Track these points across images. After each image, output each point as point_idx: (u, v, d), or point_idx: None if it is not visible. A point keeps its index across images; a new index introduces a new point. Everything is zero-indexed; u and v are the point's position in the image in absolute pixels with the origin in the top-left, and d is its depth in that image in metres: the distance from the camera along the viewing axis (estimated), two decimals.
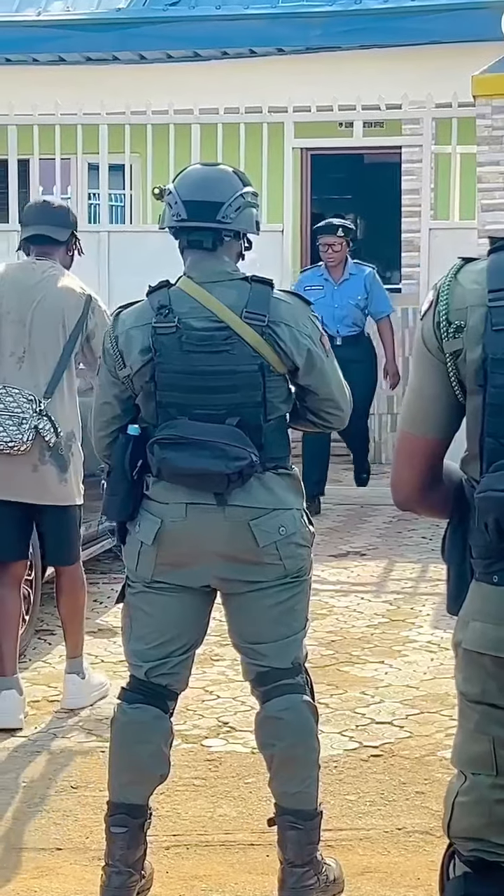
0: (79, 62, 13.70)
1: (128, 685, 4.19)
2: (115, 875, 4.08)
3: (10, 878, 4.34)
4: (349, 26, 13.10)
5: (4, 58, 13.78)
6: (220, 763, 5.24)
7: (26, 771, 5.20)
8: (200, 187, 4.14)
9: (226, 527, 4.02)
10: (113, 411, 4.18)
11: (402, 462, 2.88)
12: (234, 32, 13.41)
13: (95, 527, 7.28)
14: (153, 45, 13.54)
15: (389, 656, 6.55)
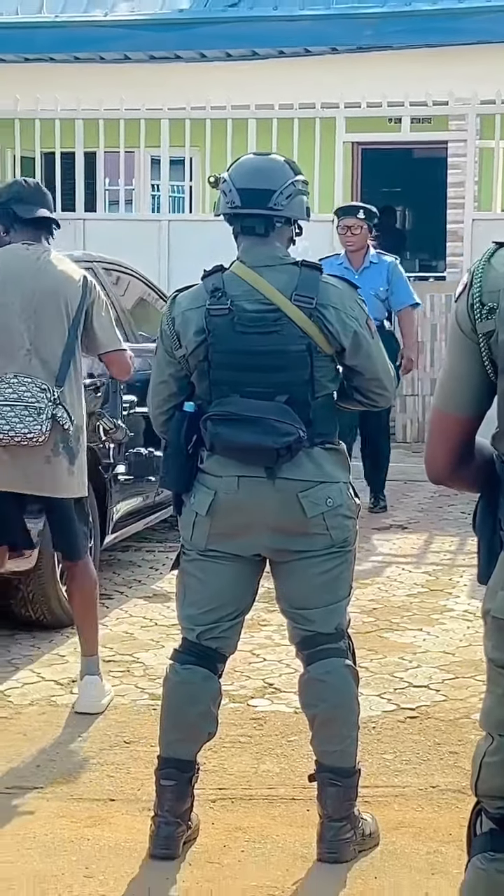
0: (143, 60, 13.68)
1: (180, 647, 4.20)
2: (164, 825, 4.11)
3: (67, 826, 4.35)
4: (399, 27, 13.02)
5: (73, 56, 13.77)
6: (264, 722, 5.24)
7: (83, 727, 5.21)
8: (254, 176, 4.12)
9: (275, 498, 4.01)
10: (169, 389, 4.17)
11: (435, 439, 2.85)
12: (290, 32, 13.35)
13: (152, 498, 7.32)
14: (213, 44, 13.50)
15: (427, 624, 6.54)
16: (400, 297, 9.12)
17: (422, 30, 12.89)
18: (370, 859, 4.09)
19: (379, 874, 4.01)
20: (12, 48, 13.77)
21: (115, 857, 4.12)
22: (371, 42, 13.10)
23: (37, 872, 4.02)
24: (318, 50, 13.34)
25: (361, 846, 4.11)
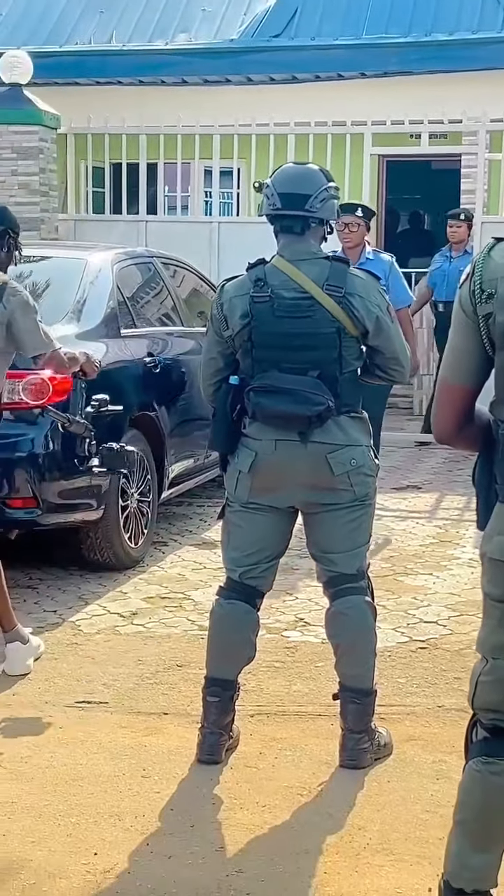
0: (198, 84, 13.61)
1: (224, 585, 4.23)
2: (209, 735, 4.15)
3: (127, 735, 4.40)
4: (420, 55, 12.91)
5: (138, 80, 13.73)
6: (296, 650, 5.25)
7: (142, 652, 5.25)
8: (292, 182, 4.11)
9: (307, 459, 4.01)
10: (217, 365, 4.19)
11: (441, 405, 2.87)
12: (326, 59, 13.27)
13: (202, 460, 7.35)
14: (259, 69, 13.43)
15: (437, 570, 6.54)
16: (396, 297, 7.47)
17: (440, 57, 12.78)
18: (384, 766, 4.11)
19: (391, 778, 4.03)
20: (86, 73, 13.74)
21: (168, 761, 4.15)
22: (396, 68, 13.00)
23: (102, 773, 4.06)
24: (350, 75, 13.23)
25: (377, 755, 4.14)
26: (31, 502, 5.80)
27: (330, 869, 3.45)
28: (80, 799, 3.87)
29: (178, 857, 3.52)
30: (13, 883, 3.36)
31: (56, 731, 4.43)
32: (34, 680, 4.91)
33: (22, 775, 4.05)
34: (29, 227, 10.67)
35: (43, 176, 10.96)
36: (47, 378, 5.70)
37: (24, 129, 10.90)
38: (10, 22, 14.43)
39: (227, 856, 3.54)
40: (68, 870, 3.43)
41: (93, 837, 3.63)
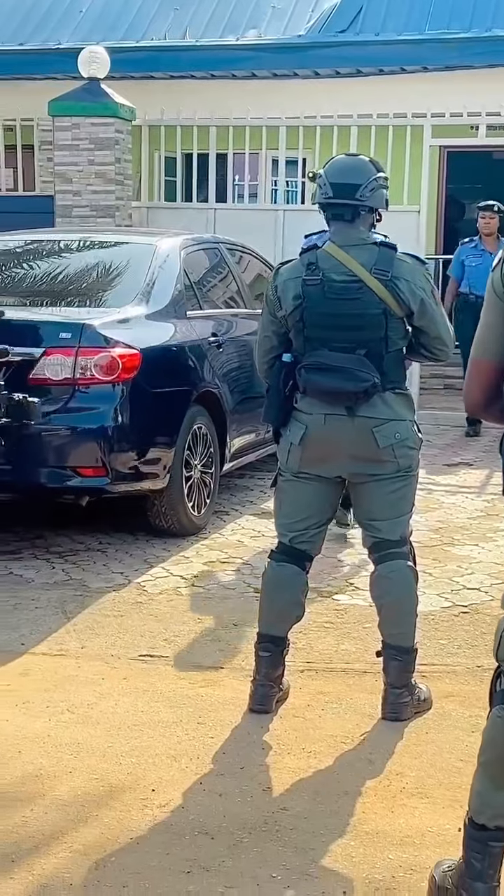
0: (266, 77, 13.68)
1: (276, 548, 4.33)
2: (261, 686, 4.26)
3: (186, 686, 4.51)
4: (480, 49, 12.85)
5: (210, 74, 13.81)
6: (345, 612, 5.34)
7: (201, 611, 5.36)
8: (344, 172, 4.19)
9: (354, 432, 4.09)
10: (271, 343, 4.29)
11: (472, 379, 2.97)
12: (389, 54, 13.26)
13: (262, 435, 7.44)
14: (325, 64, 13.45)
15: (483, 541, 6.58)
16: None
17: (499, 52, 12.73)
18: (424, 719, 4.20)
19: (430, 730, 4.13)
20: (161, 67, 13.84)
21: (223, 710, 4.27)
22: (456, 62, 12.94)
23: (161, 719, 4.19)
24: (412, 68, 13.19)
25: (417, 709, 4.23)
26: (100, 471, 5.91)
27: (368, 809, 3.57)
28: (140, 742, 4.01)
29: (229, 795, 3.66)
30: (77, 814, 3.53)
31: (120, 682, 4.57)
32: (102, 635, 5.07)
33: (88, 720, 4.21)
34: (104, 213, 10.87)
35: (118, 165, 11.10)
36: (117, 356, 5.85)
37: (101, 121, 11.05)
38: (90, 19, 14.56)
39: (274, 795, 3.67)
40: (128, 804, 3.59)
41: (151, 776, 3.77)
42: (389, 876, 3.19)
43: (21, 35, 14.44)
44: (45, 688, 4.51)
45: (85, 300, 6.58)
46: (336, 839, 3.39)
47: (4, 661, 4.77)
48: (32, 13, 14.75)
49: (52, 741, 4.03)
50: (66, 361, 5.83)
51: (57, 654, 4.87)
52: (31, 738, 4.05)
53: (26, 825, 3.46)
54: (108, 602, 5.48)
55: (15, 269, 7.15)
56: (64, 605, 5.43)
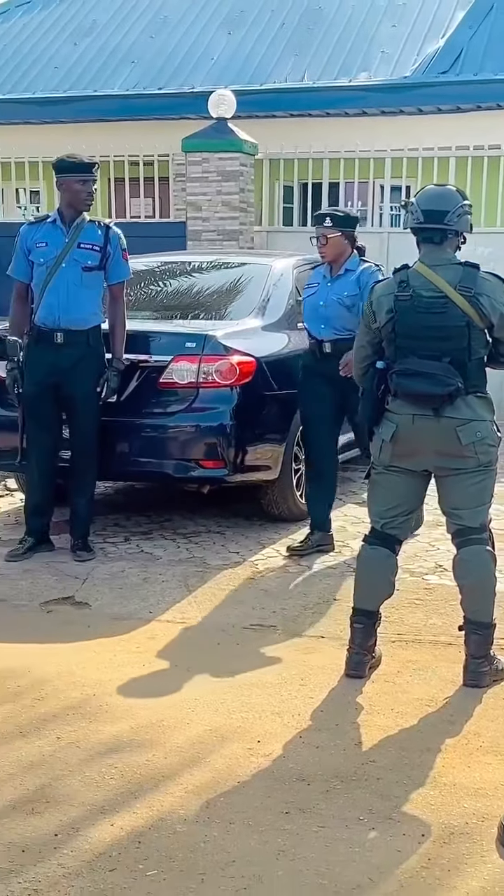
0: (375, 114, 13.60)
1: (369, 533, 4.36)
2: (355, 654, 4.30)
3: (290, 653, 4.57)
4: None
5: (325, 112, 13.80)
6: (433, 591, 5.34)
7: (306, 587, 5.41)
8: (433, 200, 4.21)
9: (439, 431, 4.11)
10: (366, 352, 4.32)
11: None
12: (487, 92, 13.06)
13: None
14: (428, 101, 13.33)
15: None
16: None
17: None
18: (501, 687, 4.19)
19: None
20: (282, 107, 13.84)
21: (322, 674, 4.32)
22: None
23: (268, 680, 4.26)
24: None
25: (495, 677, 4.22)
26: (220, 463, 5.98)
27: (447, 764, 3.59)
28: (249, 699, 4.09)
29: (324, 748, 3.71)
30: (192, 759, 3.62)
31: (234, 647, 4.65)
32: (219, 606, 5.16)
33: (205, 679, 4.30)
34: (229, 237, 10.97)
35: (242, 195, 11.19)
36: (236, 363, 5.94)
37: (228, 156, 11.14)
38: (220, 65, 14.69)
39: (364, 749, 3.71)
40: (236, 752, 3.67)
41: (257, 729, 3.85)
42: (464, 822, 3.21)
43: (160, 80, 14.64)
44: (169, 651, 4.62)
45: (209, 314, 6.67)
46: (417, 789, 3.42)
47: (134, 626, 4.90)
48: (170, 61, 14.94)
49: (173, 696, 4.13)
50: (191, 367, 5.93)
51: (179, 621, 4.97)
52: (154, 695, 4.16)
53: (148, 766, 3.56)
54: (224, 578, 5.56)
55: (151, 286, 7.28)
56: (187, 579, 5.54)
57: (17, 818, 3.23)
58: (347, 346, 5.37)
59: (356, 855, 3.05)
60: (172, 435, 6.01)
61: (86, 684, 4.24)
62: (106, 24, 15.95)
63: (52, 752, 3.66)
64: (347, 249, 5.90)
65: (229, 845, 3.10)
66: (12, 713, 3.97)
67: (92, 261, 5.76)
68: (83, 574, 5.60)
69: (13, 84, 15.25)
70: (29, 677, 4.30)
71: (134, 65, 15.06)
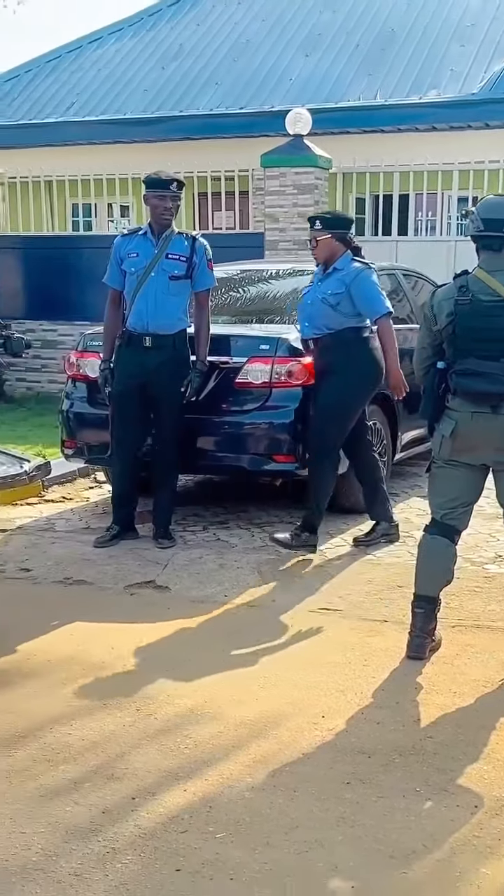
0: (444, 129, 13.51)
1: (429, 524, 4.36)
2: (416, 637, 4.28)
3: (354, 635, 4.56)
4: None
5: (397, 128, 13.74)
6: (493, 579, 5.29)
7: (371, 575, 5.41)
8: (493, 209, 4.17)
9: (497, 427, 4.08)
10: (428, 353, 4.31)
11: None
12: None
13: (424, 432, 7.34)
14: (495, 117, 13.17)
15: None
16: (368, 308, 5.72)
17: None
18: None
19: None
20: (355, 124, 13.81)
21: (384, 655, 4.32)
22: None
23: (333, 660, 4.27)
24: None
25: None
26: (291, 458, 6.00)
27: (501, 740, 3.56)
28: (314, 677, 4.11)
29: (384, 724, 3.72)
30: (259, 732, 3.65)
31: (303, 630, 4.67)
32: (288, 591, 5.18)
33: (275, 658, 4.33)
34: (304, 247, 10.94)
35: (316, 207, 11.16)
36: (305, 364, 5.96)
37: (303, 171, 11.15)
38: (298, 85, 14.70)
39: (422, 725, 3.71)
40: (301, 726, 3.69)
41: (321, 705, 3.86)
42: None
43: (242, 100, 14.71)
44: (242, 632, 4.64)
45: (283, 318, 6.68)
46: (472, 763, 3.41)
47: (210, 609, 4.94)
48: (251, 82, 15.00)
49: (244, 673, 4.17)
50: (264, 368, 5.97)
51: (252, 605, 5.01)
52: (227, 671, 4.20)
53: (219, 738, 3.60)
54: (295, 565, 5.58)
55: (229, 292, 7.32)
56: (259, 566, 5.57)
57: (98, 782, 3.30)
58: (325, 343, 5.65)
59: (412, 823, 3.06)
60: (247, 431, 6.06)
61: (164, 661, 4.29)
62: (192, 49, 16.07)
63: (132, 722, 3.73)
64: (339, 250, 5.80)
65: (293, 812, 3.13)
66: (96, 686, 4.05)
67: (178, 270, 5.82)
68: (164, 560, 5.67)
69: (106, 106, 15.45)
70: (112, 654, 4.37)
71: (217, 86, 15.15)
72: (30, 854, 2.90)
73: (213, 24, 16.47)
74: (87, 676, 4.13)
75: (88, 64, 16.46)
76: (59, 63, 16.70)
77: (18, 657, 4.34)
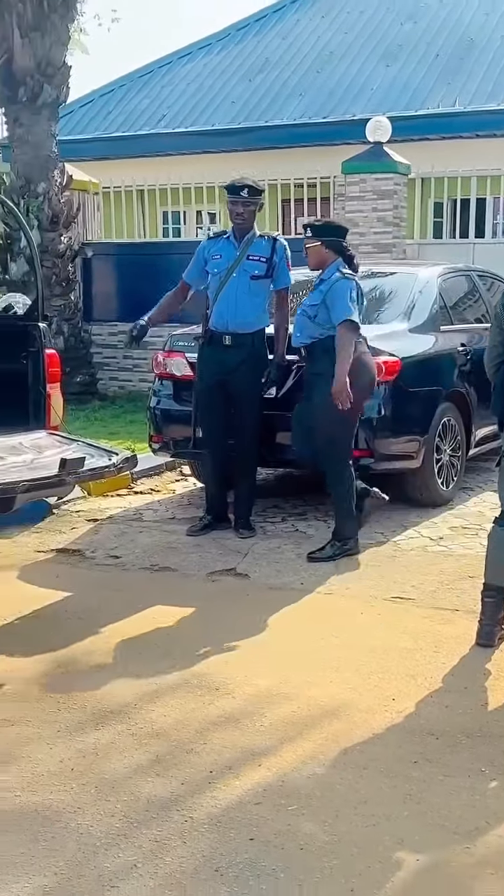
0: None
1: (499, 516, 4.35)
2: (486, 625, 4.26)
3: (426, 623, 4.58)
4: None
5: (475, 134, 13.56)
6: None
7: (443, 565, 5.38)
8: None
9: None
10: (497, 350, 4.29)
11: None
12: None
13: None
14: None
15: None
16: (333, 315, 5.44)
17: None
18: None
19: None
20: (435, 131, 13.65)
21: (455, 643, 4.31)
22: None
23: (405, 647, 4.27)
24: None
25: None
26: (367, 453, 5.99)
27: None
28: (387, 663, 4.12)
29: (452, 707, 3.71)
30: (332, 712, 3.68)
31: (375, 616, 4.69)
32: (363, 579, 5.20)
33: (349, 644, 4.35)
34: (383, 250, 10.94)
35: (395, 211, 11.13)
36: (382, 362, 5.94)
37: (383, 177, 11.09)
38: (378, 95, 14.61)
39: (489, 709, 3.70)
40: (372, 707, 3.71)
41: (392, 688, 3.88)
42: None
43: (324, 110, 14.69)
44: (317, 618, 4.69)
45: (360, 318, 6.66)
46: None
47: (287, 596, 4.98)
48: (334, 92, 14.97)
49: (318, 658, 4.20)
50: None
51: (327, 593, 5.03)
52: (302, 655, 4.24)
53: (293, 717, 3.64)
54: (369, 555, 5.59)
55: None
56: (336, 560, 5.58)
57: (178, 756, 3.37)
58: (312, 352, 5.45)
59: (476, 801, 3.06)
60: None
61: (242, 644, 4.35)
62: (277, 62, 16.10)
63: (211, 700, 3.79)
64: (329, 258, 5.55)
65: (362, 788, 3.15)
66: (177, 667, 4.12)
67: (259, 270, 5.87)
68: (244, 549, 5.72)
69: (195, 118, 15.58)
70: (192, 637, 4.44)
71: (301, 97, 15.16)
72: (113, 821, 2.98)
73: (297, 38, 16.48)
74: (170, 657, 4.21)
75: (178, 78, 16.61)
76: (151, 78, 16.88)
77: (106, 638, 4.43)
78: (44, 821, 2.98)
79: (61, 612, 4.79)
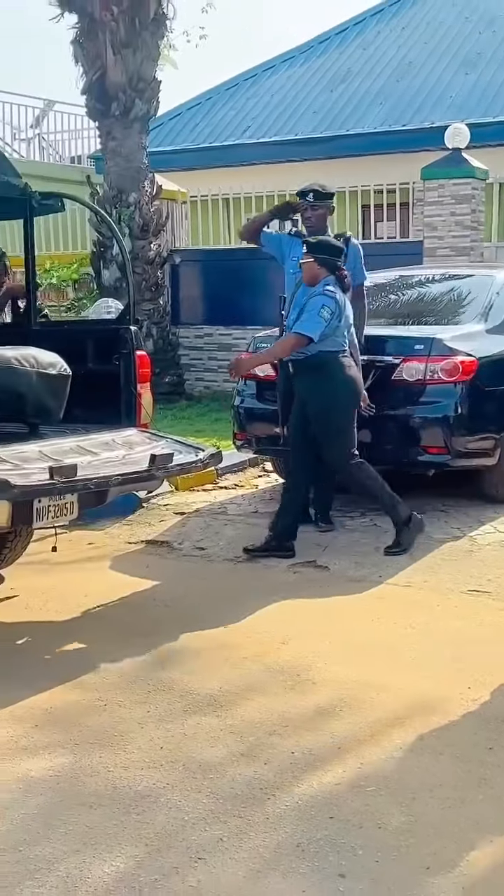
0: None
1: None
2: None
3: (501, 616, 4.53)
4: None
5: None
6: None
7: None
8: None
9: None
10: None
11: None
12: None
13: None
14: None
15: None
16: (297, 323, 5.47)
17: None
18: None
19: None
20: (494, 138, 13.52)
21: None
22: None
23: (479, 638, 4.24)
24: None
25: None
26: (443, 450, 5.98)
27: None
28: (463, 653, 4.10)
29: None
30: (408, 699, 3.68)
31: (452, 609, 4.67)
32: (439, 573, 5.17)
33: (424, 634, 4.34)
34: (461, 253, 10.83)
35: (473, 215, 11.01)
36: (459, 362, 5.91)
37: (461, 182, 10.99)
38: (457, 102, 14.46)
39: None
40: (448, 695, 3.70)
41: (469, 678, 3.85)
42: None
43: (404, 118, 14.59)
44: (395, 610, 4.68)
45: (438, 319, 6.65)
46: None
47: (366, 588, 4.99)
48: (413, 100, 14.85)
49: (395, 648, 4.20)
50: (419, 367, 5.97)
51: (405, 585, 5.02)
52: (381, 645, 4.25)
53: (372, 703, 3.66)
54: (446, 549, 5.56)
55: (388, 296, 7.33)
56: (413, 549, 5.57)
57: (261, 738, 3.41)
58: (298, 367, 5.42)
59: None
60: (402, 425, 6.06)
61: (322, 633, 4.37)
62: (358, 72, 16.04)
63: (293, 685, 3.82)
64: (320, 274, 5.40)
65: (438, 772, 3.15)
66: (259, 654, 4.16)
67: None
68: (325, 542, 5.74)
69: (279, 128, 15.62)
70: (273, 626, 4.48)
71: (381, 106, 15.08)
72: (200, 797, 3.04)
73: (377, 49, 16.39)
74: (251, 645, 4.25)
75: (263, 90, 16.66)
76: (237, 90, 16.97)
77: (192, 625, 4.50)
78: (135, 796, 3.05)
79: (150, 600, 4.88)
